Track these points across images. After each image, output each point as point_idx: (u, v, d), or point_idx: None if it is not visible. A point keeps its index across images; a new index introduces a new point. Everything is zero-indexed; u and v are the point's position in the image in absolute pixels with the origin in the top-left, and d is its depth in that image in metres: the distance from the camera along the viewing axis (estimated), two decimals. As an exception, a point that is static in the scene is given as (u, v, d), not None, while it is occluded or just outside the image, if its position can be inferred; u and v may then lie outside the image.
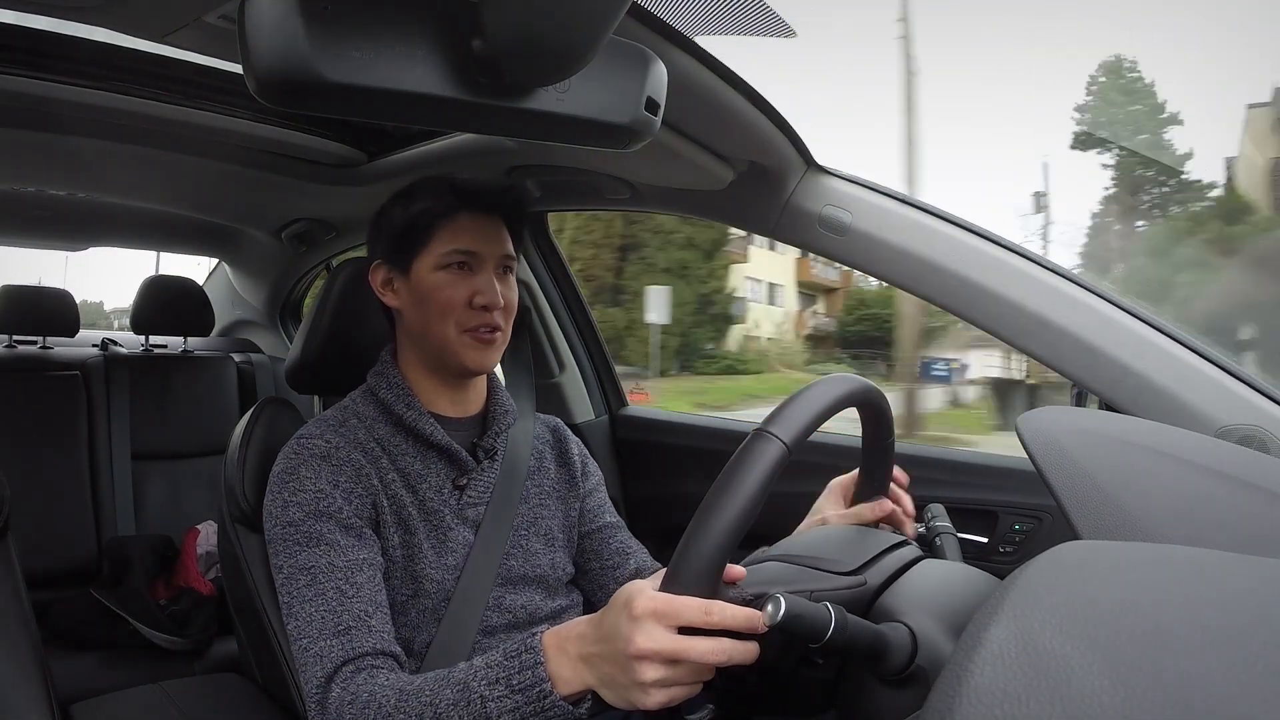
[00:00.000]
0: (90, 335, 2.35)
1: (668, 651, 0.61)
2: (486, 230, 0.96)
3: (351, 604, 0.83)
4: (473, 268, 0.95)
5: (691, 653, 0.61)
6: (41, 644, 1.01)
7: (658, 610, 0.61)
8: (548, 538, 1.03)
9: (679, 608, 0.60)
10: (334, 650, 0.80)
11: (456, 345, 0.95)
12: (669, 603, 0.61)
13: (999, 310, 1.05)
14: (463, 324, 0.94)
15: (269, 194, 1.80)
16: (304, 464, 0.90)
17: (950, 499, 1.03)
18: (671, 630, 0.61)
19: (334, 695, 0.78)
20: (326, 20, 0.54)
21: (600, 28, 0.59)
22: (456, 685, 0.72)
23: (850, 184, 1.17)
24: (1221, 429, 0.93)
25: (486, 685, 0.70)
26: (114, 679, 1.55)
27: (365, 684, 0.78)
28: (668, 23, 0.84)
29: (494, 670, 0.71)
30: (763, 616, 0.60)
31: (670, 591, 0.62)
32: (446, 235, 0.95)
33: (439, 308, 0.94)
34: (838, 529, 0.85)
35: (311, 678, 0.80)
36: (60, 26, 1.04)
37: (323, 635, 0.81)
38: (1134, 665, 0.33)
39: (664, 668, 0.61)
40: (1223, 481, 0.60)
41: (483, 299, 0.94)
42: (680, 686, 0.63)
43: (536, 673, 0.68)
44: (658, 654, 0.61)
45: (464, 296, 0.94)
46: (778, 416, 0.64)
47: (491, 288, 0.95)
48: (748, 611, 0.61)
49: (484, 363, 0.96)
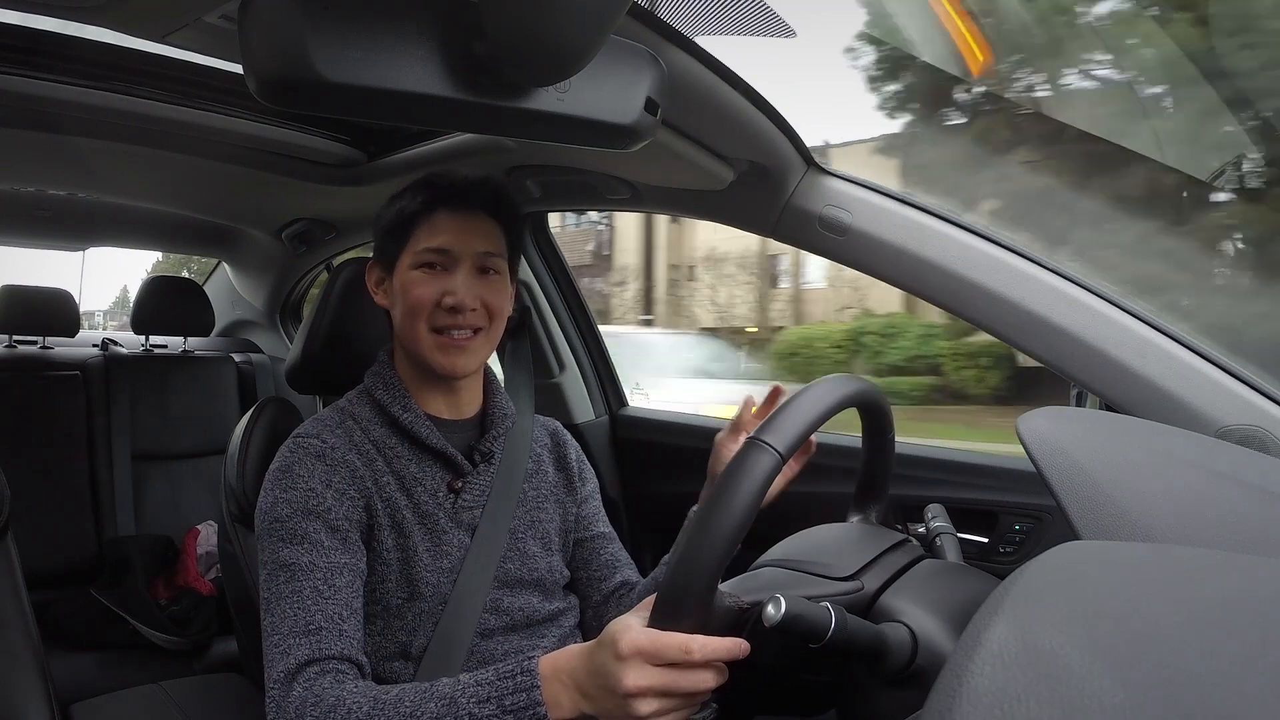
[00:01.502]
0: (90, 335, 2.36)
1: (658, 687, 0.63)
2: (464, 227, 0.95)
3: (327, 605, 0.82)
4: (446, 267, 0.94)
5: (682, 685, 0.63)
6: (41, 644, 1.01)
7: (642, 650, 0.62)
8: (545, 540, 1.02)
9: (661, 648, 0.62)
10: (301, 648, 0.79)
11: (424, 346, 0.94)
12: (652, 642, 0.62)
13: (999, 310, 1.05)
14: (432, 324, 0.93)
15: (269, 194, 1.80)
16: (299, 462, 0.89)
17: (950, 499, 1.03)
18: (659, 666, 0.62)
19: (295, 694, 0.77)
20: (326, 20, 0.54)
21: (600, 28, 0.59)
22: (442, 699, 0.72)
23: (850, 184, 1.17)
24: (1221, 429, 0.93)
25: (476, 703, 0.70)
26: (114, 679, 1.55)
27: (331, 688, 0.77)
28: (668, 23, 0.84)
29: (485, 689, 0.71)
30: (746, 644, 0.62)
31: (661, 623, 0.63)
32: (424, 233, 0.94)
33: (409, 308, 0.93)
34: (838, 529, 0.85)
35: (274, 673, 0.79)
36: (60, 26, 1.04)
37: (293, 632, 0.80)
38: (1133, 665, 0.33)
39: (657, 701, 0.63)
40: (1223, 481, 0.60)
41: (452, 299, 0.92)
42: (676, 713, 0.65)
43: (532, 695, 0.69)
44: (650, 690, 0.62)
45: (433, 296, 0.92)
46: (771, 424, 0.64)
47: (463, 288, 0.93)
48: (729, 643, 0.63)
49: (452, 367, 0.94)
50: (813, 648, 0.61)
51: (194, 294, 2.30)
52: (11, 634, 0.96)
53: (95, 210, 2.13)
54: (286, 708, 0.77)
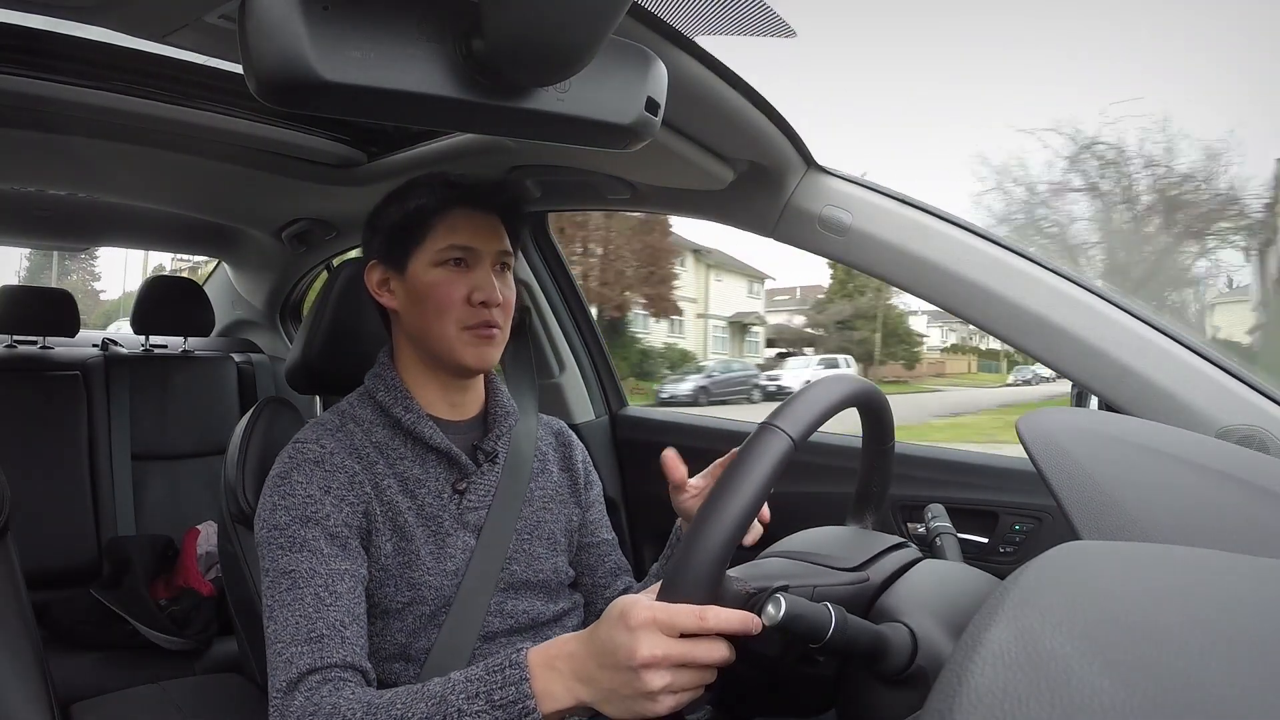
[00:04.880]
0: (90, 335, 2.36)
1: (675, 657, 0.61)
2: (483, 226, 0.95)
3: (328, 612, 0.82)
4: (469, 264, 0.94)
5: (696, 655, 0.62)
6: (41, 644, 1.01)
7: (656, 619, 0.61)
8: (551, 541, 1.02)
9: (674, 615, 0.61)
10: (303, 656, 0.79)
11: (455, 343, 0.94)
12: (666, 611, 0.61)
13: (999, 310, 1.05)
14: (462, 321, 0.93)
15: (269, 194, 1.80)
16: (297, 468, 0.89)
17: (950, 499, 1.03)
18: (673, 636, 0.61)
19: (296, 703, 0.77)
20: (326, 20, 0.54)
21: (600, 28, 0.59)
22: (432, 699, 0.71)
23: (850, 184, 1.17)
24: (1221, 429, 0.93)
25: (465, 699, 0.70)
26: (114, 679, 1.55)
27: (329, 696, 0.77)
28: (668, 23, 0.84)
29: (474, 684, 0.70)
30: (758, 619, 0.61)
31: (670, 596, 0.62)
32: (443, 231, 0.94)
33: (437, 305, 0.93)
34: (837, 529, 0.85)
35: (277, 681, 0.79)
36: (60, 26, 1.04)
37: (295, 640, 0.80)
38: (1134, 665, 0.33)
39: (670, 674, 0.62)
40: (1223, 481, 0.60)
41: (481, 295, 0.93)
42: (687, 691, 0.63)
43: (521, 689, 0.68)
44: (664, 660, 0.61)
45: (462, 293, 0.93)
46: (785, 411, 0.64)
47: (489, 284, 0.94)
48: (741, 615, 0.62)
49: (484, 360, 0.95)
50: (813, 648, 0.61)
51: (194, 294, 2.30)
52: (11, 634, 0.96)
53: (95, 210, 2.13)
54: (288, 716, 0.77)
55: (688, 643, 0.61)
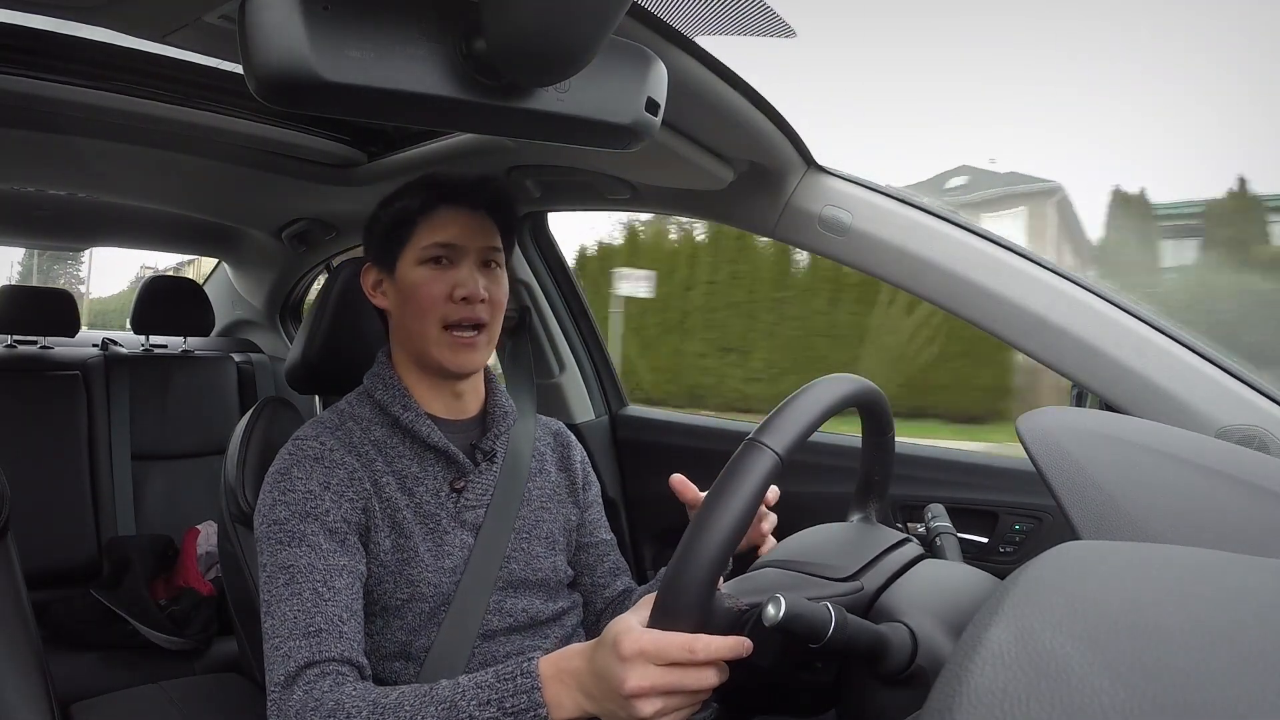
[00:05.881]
0: (90, 335, 2.36)
1: (663, 686, 0.62)
2: (467, 224, 0.95)
3: (326, 607, 0.82)
4: (453, 261, 0.95)
5: (685, 684, 0.63)
6: (41, 644, 1.01)
7: (644, 651, 0.62)
8: (549, 540, 1.02)
9: (664, 647, 0.62)
10: (301, 650, 0.79)
11: (435, 345, 0.94)
12: (655, 642, 0.62)
13: (999, 310, 1.05)
14: (445, 319, 0.93)
15: (269, 194, 1.80)
16: (297, 465, 0.89)
17: (950, 499, 1.03)
18: (662, 665, 0.62)
19: (295, 697, 0.77)
20: (326, 20, 0.54)
21: (600, 28, 0.59)
22: (442, 703, 0.72)
23: (850, 184, 1.17)
24: (1221, 429, 0.93)
25: (477, 705, 0.70)
26: (114, 679, 1.55)
27: (330, 691, 0.77)
28: (668, 23, 0.84)
29: (485, 691, 0.71)
30: (749, 641, 0.62)
31: (660, 623, 0.63)
32: (426, 230, 0.95)
33: (419, 304, 0.94)
34: (837, 529, 0.85)
35: (275, 675, 0.79)
36: (60, 26, 1.04)
37: (293, 635, 0.80)
38: (1134, 665, 0.33)
39: (661, 700, 0.63)
40: (1223, 481, 0.60)
41: (462, 290, 0.93)
42: (681, 711, 0.65)
43: (533, 697, 0.69)
44: (652, 690, 0.62)
45: (444, 290, 0.93)
46: (770, 425, 0.63)
47: (471, 279, 0.94)
48: (732, 642, 0.63)
49: (463, 364, 0.95)
50: (813, 648, 0.61)
51: (194, 294, 2.30)
52: (11, 634, 0.96)
53: (95, 210, 2.14)
54: (287, 711, 0.77)
55: (677, 671, 0.62)
